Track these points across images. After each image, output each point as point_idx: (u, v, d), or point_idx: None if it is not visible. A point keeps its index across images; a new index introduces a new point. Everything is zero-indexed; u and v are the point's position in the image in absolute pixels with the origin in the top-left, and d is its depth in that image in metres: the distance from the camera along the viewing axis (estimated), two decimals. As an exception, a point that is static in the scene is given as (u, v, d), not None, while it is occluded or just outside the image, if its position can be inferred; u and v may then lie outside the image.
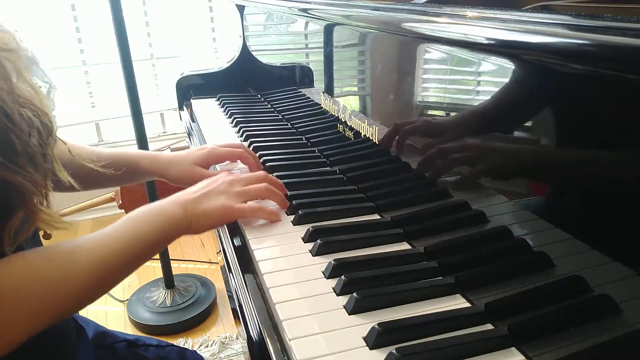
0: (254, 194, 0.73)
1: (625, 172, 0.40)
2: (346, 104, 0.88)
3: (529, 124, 0.50)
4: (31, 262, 0.52)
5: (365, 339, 0.48)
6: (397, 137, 0.72)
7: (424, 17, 0.59)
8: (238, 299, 0.61)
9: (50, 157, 0.54)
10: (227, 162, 0.92)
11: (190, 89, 1.50)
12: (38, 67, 0.56)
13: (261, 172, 0.77)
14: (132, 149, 0.90)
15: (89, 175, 0.74)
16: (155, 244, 0.62)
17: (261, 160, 0.95)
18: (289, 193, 0.78)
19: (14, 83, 0.51)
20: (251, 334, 0.54)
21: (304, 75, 1.14)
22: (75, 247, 0.56)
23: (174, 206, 0.65)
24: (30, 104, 0.52)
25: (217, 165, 0.92)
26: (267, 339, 0.50)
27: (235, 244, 0.69)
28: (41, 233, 0.71)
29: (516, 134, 0.52)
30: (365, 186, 0.80)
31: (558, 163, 0.47)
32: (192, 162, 0.85)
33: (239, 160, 0.90)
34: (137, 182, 0.92)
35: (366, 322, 0.50)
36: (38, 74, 0.54)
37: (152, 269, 2.11)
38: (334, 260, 0.59)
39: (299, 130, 1.12)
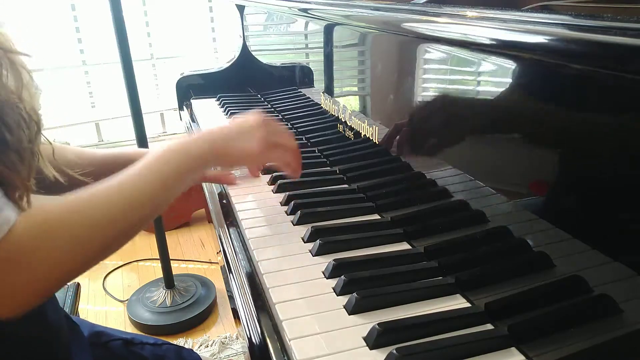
0: (281, 153, 0.72)
1: (625, 172, 0.40)
2: (346, 104, 0.88)
3: (528, 124, 0.50)
4: (50, 212, 0.51)
5: (365, 339, 0.48)
6: (397, 137, 0.72)
7: (424, 17, 0.59)
8: (238, 299, 0.61)
9: (37, 154, 0.54)
10: None
11: (190, 89, 1.50)
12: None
13: (289, 133, 0.75)
14: (129, 148, 0.89)
15: (77, 179, 0.74)
16: (180, 183, 0.61)
17: (261, 160, 0.95)
18: (289, 193, 0.78)
19: (24, 86, 0.51)
20: (251, 334, 0.54)
21: (304, 75, 1.14)
22: (97, 190, 0.54)
23: (200, 142, 0.64)
24: (21, 101, 0.52)
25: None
26: (267, 339, 0.50)
27: (235, 243, 0.69)
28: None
29: (516, 134, 0.52)
30: (365, 186, 0.80)
31: (558, 163, 0.47)
32: None
33: None
34: None
35: (366, 322, 0.50)
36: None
37: (152, 269, 2.11)
38: (334, 260, 0.60)
39: (299, 130, 1.12)
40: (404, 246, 0.65)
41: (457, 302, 0.54)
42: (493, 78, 0.54)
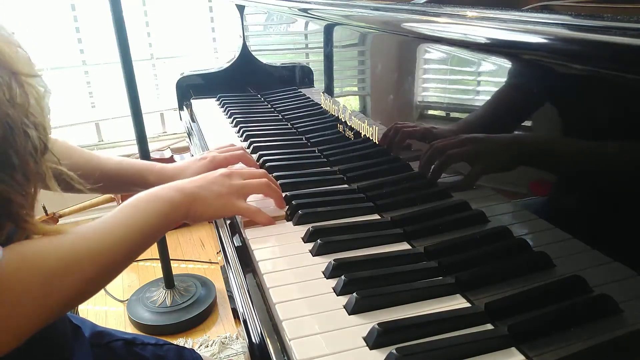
0: (254, 189, 0.73)
1: (625, 172, 0.40)
2: (346, 104, 0.88)
3: (528, 124, 0.50)
4: (31, 253, 0.51)
5: (365, 339, 0.48)
6: (396, 138, 0.72)
7: (424, 17, 0.59)
8: (238, 299, 0.61)
9: (43, 174, 0.54)
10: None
11: (190, 89, 1.50)
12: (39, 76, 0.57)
13: (261, 170, 0.77)
14: (137, 161, 0.89)
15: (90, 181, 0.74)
16: (154, 231, 0.62)
17: (261, 160, 0.95)
18: (289, 193, 0.78)
19: (31, 105, 0.51)
20: (251, 334, 0.54)
21: (304, 75, 1.14)
22: (75, 237, 0.56)
23: (171, 191, 0.65)
24: (34, 121, 0.52)
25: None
26: (267, 339, 0.50)
27: (235, 244, 0.69)
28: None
29: (516, 134, 0.52)
30: (365, 186, 0.80)
31: (558, 163, 0.47)
32: (194, 173, 0.85)
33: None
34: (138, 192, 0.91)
35: (366, 322, 0.50)
36: (38, 82, 0.55)
37: (152, 269, 2.11)
38: (334, 260, 0.59)
39: (299, 130, 1.12)
40: (404, 246, 0.65)
41: (457, 302, 0.54)
42: (493, 78, 0.54)
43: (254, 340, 0.53)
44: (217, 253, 2.19)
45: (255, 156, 0.99)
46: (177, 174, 0.86)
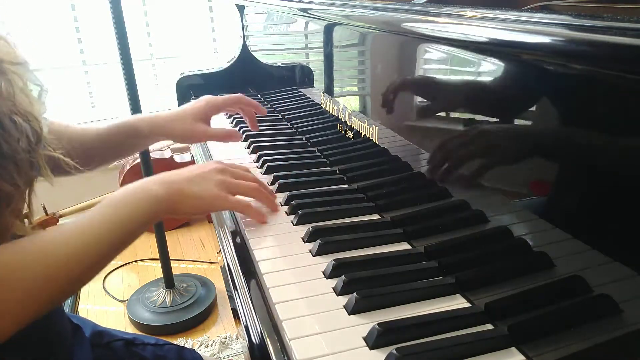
0: (244, 191, 0.71)
1: (626, 171, 0.40)
2: (346, 104, 0.88)
3: (528, 124, 0.50)
4: (8, 257, 0.50)
5: (365, 339, 0.48)
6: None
7: (424, 17, 0.59)
8: (238, 299, 0.61)
9: (37, 164, 0.54)
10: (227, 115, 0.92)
11: (191, 89, 1.50)
12: (28, 70, 0.56)
13: (253, 176, 0.76)
14: (127, 116, 0.88)
15: (90, 155, 0.73)
16: (138, 226, 0.60)
17: (261, 160, 0.95)
18: (289, 193, 0.78)
19: (17, 93, 0.51)
20: (251, 334, 0.54)
21: (304, 75, 1.14)
22: (54, 237, 0.54)
23: (157, 185, 0.63)
24: (22, 110, 0.52)
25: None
26: (267, 339, 0.50)
27: (235, 243, 0.69)
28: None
29: (516, 134, 0.52)
30: (365, 186, 0.80)
31: (558, 163, 0.47)
32: (192, 117, 0.84)
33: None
34: (141, 148, 0.90)
35: (366, 322, 0.50)
36: (30, 77, 0.55)
37: (152, 269, 2.11)
38: (334, 260, 0.59)
39: (299, 130, 1.12)
40: (404, 246, 0.65)
41: (457, 302, 0.54)
42: (493, 78, 0.54)
43: (254, 340, 0.53)
44: (217, 253, 2.19)
45: (255, 156, 0.99)
46: (174, 118, 0.85)
